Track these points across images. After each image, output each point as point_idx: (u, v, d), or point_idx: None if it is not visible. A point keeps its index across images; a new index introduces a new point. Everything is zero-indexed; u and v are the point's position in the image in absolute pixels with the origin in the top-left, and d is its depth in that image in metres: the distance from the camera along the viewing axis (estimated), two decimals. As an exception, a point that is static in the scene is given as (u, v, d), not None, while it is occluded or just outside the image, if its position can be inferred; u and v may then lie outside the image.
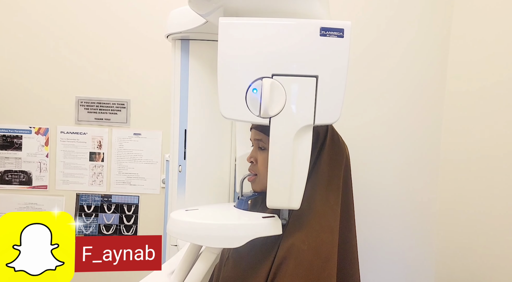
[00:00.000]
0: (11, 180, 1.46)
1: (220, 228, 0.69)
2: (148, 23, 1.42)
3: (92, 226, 1.47)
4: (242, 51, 0.63)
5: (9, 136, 1.45)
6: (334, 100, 0.62)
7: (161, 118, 1.44)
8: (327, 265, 0.69)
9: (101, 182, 1.47)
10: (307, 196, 0.73)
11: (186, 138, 1.08)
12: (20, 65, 1.43)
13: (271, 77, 0.62)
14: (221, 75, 0.63)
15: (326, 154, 0.75)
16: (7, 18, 1.41)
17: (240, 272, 0.75)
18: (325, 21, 0.62)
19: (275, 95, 0.62)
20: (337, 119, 0.63)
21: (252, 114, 0.64)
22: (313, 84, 0.62)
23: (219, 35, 0.63)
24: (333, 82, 0.62)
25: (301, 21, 0.62)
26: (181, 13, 1.01)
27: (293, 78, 0.62)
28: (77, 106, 1.45)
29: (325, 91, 0.62)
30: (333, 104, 0.62)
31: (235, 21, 0.64)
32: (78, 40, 1.43)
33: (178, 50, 1.07)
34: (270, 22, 0.63)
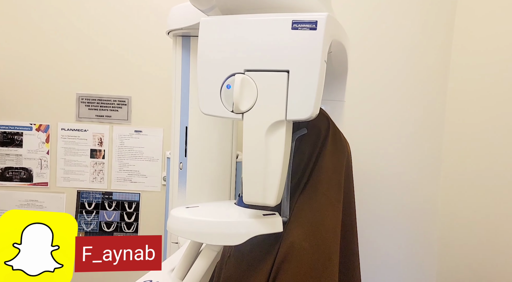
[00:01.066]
0: (11, 177, 1.46)
1: (221, 226, 0.69)
2: (149, 20, 1.42)
3: (93, 223, 1.47)
4: (218, 48, 0.64)
5: (10, 133, 1.45)
6: (306, 95, 0.60)
7: (162, 116, 1.44)
8: (329, 263, 0.68)
9: (102, 179, 1.47)
10: (309, 193, 0.72)
11: (187, 135, 1.08)
12: (21, 62, 1.42)
13: (243, 73, 0.62)
14: (200, 72, 0.65)
15: (328, 151, 0.74)
16: (8, 16, 1.41)
17: (241, 270, 0.75)
18: (298, 14, 0.61)
19: (246, 91, 0.62)
20: (311, 114, 0.61)
21: (226, 110, 0.64)
22: (284, 79, 0.61)
23: (199, 34, 0.64)
24: (305, 76, 0.60)
25: (274, 15, 0.62)
26: (182, 10, 1.00)
27: (264, 73, 0.62)
28: (78, 103, 1.45)
29: (297, 86, 0.61)
30: (306, 99, 0.60)
31: (214, 19, 0.65)
32: (79, 37, 1.42)
33: (179, 47, 1.06)
34: (246, 18, 0.63)
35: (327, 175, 0.74)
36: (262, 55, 0.62)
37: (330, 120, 0.79)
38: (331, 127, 0.77)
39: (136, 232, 1.48)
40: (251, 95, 0.62)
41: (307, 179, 0.74)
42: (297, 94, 0.60)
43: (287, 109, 0.61)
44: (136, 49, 1.43)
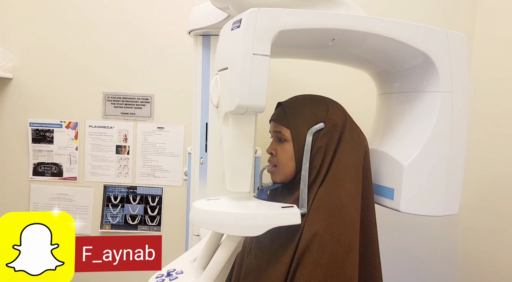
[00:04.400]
0: (44, 172, 1.54)
1: (240, 217, 0.72)
2: (171, 21, 1.46)
3: (119, 216, 1.54)
4: (217, 52, 0.76)
5: (42, 131, 1.53)
6: (232, 88, 0.65)
7: (184, 113, 1.48)
8: (350, 253, 0.70)
9: (126, 174, 1.53)
10: (328, 186, 0.74)
11: (208, 131, 1.11)
12: (51, 64, 1.50)
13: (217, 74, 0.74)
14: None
15: (345, 144, 0.76)
16: (41, 21, 1.48)
17: (263, 261, 0.77)
18: (237, 15, 0.67)
19: (215, 89, 0.73)
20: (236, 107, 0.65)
21: (213, 105, 0.76)
22: (225, 76, 0.68)
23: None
24: (233, 71, 0.66)
25: (229, 21, 0.70)
26: (202, 10, 1.03)
27: (220, 72, 0.71)
28: (104, 102, 1.51)
29: (229, 80, 0.67)
30: (232, 92, 0.65)
31: (223, 27, 0.74)
32: (105, 39, 1.48)
33: (200, 46, 1.10)
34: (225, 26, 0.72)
35: (346, 169, 0.75)
36: (220, 56, 0.73)
37: (347, 115, 0.80)
38: (348, 122, 0.78)
39: (159, 225, 1.53)
40: (217, 92, 0.73)
41: (326, 172, 0.75)
42: (228, 88, 0.67)
43: (229, 101, 0.68)
44: (159, 50, 1.48)
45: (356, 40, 0.75)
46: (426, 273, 1.46)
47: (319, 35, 0.71)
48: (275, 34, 0.65)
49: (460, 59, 0.75)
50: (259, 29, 0.64)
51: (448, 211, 0.76)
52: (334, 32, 0.71)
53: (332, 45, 0.75)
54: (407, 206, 0.76)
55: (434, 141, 0.75)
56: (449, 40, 0.74)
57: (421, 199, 0.76)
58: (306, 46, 0.81)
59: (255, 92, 0.65)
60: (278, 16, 0.65)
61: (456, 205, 0.77)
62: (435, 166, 0.76)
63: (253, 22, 0.63)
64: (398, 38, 0.72)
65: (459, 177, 0.77)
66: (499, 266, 1.20)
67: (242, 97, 0.64)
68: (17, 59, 1.48)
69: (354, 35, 0.72)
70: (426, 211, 0.77)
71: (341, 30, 0.70)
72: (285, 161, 0.78)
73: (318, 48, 0.81)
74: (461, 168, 0.77)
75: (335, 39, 0.73)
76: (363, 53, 0.83)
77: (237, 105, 0.65)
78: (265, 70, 0.65)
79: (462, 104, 0.75)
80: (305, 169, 0.75)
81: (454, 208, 0.77)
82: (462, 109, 0.76)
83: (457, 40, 0.75)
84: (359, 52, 0.82)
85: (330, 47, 0.76)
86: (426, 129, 0.75)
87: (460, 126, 0.76)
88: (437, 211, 0.76)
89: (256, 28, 0.63)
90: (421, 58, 0.75)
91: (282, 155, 0.79)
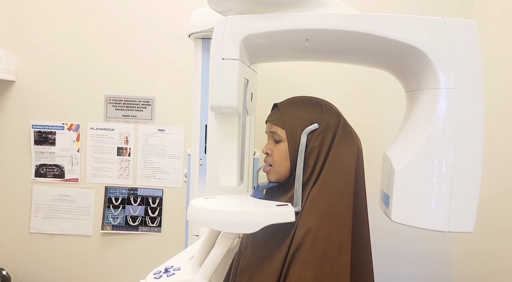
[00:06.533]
0: (45, 173, 1.56)
1: (237, 215, 0.74)
2: (171, 25, 1.49)
3: (120, 217, 1.56)
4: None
5: (44, 133, 1.55)
6: (210, 91, 0.72)
7: (184, 115, 1.51)
8: (342, 250, 0.72)
9: (128, 175, 1.55)
10: (321, 185, 0.76)
11: (207, 133, 1.13)
12: (53, 67, 1.53)
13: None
14: None
15: (338, 145, 0.78)
16: (40, 23, 1.51)
17: (258, 258, 0.79)
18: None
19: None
20: (210, 107, 0.72)
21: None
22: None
23: None
24: (209, 76, 0.72)
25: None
26: (202, 13, 1.06)
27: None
28: (106, 104, 1.54)
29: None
30: (211, 94, 0.72)
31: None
32: (106, 42, 1.51)
33: (200, 49, 1.12)
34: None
35: (339, 168, 0.77)
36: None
37: (341, 116, 0.82)
38: (342, 123, 0.80)
39: (160, 226, 1.55)
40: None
41: (319, 172, 0.77)
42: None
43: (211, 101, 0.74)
44: (159, 53, 1.50)
45: (332, 39, 0.72)
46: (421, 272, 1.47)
47: (291, 36, 0.72)
48: (242, 39, 0.71)
49: (465, 49, 0.65)
50: (227, 35, 0.70)
51: (455, 227, 0.65)
52: (303, 32, 0.70)
53: (312, 45, 0.74)
54: (399, 216, 0.68)
55: (433, 144, 0.66)
56: (448, 29, 0.65)
57: (416, 209, 0.67)
58: (286, 48, 0.80)
59: (225, 93, 0.71)
60: (243, 23, 0.71)
61: (469, 221, 0.65)
62: (433, 173, 0.66)
63: (221, 30, 0.71)
64: (377, 33, 0.67)
65: (472, 188, 0.65)
66: (498, 265, 1.21)
67: (213, 98, 0.72)
68: (20, 62, 1.51)
69: (328, 34, 0.70)
70: (423, 223, 0.67)
71: (310, 29, 0.70)
72: (280, 160, 0.81)
73: (297, 49, 0.80)
74: (475, 177, 0.65)
75: (309, 40, 0.72)
76: (352, 52, 0.81)
77: (210, 105, 0.73)
78: (234, 73, 0.70)
79: (473, 101, 0.64)
80: (299, 168, 0.77)
81: (465, 224, 0.65)
82: (472, 108, 0.64)
83: (458, 29, 0.65)
84: (347, 51, 0.81)
85: (312, 47, 0.76)
86: (424, 131, 0.66)
87: (471, 128, 0.64)
88: (438, 226, 0.66)
89: (224, 35, 0.70)
90: (413, 52, 0.67)
91: (277, 154, 0.81)
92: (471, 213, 0.65)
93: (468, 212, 0.65)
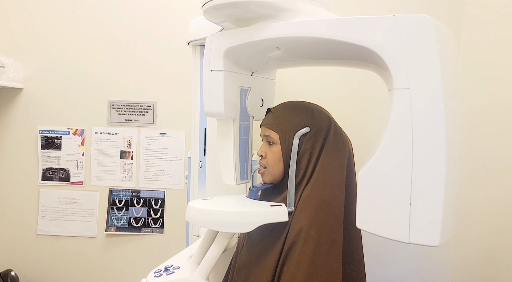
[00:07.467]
0: (52, 177, 1.61)
1: (232, 215, 0.77)
2: (172, 32, 1.53)
3: (123, 219, 1.60)
4: None
5: (50, 137, 1.60)
6: (204, 98, 0.82)
7: (184, 119, 1.55)
8: (333, 247, 0.75)
9: (130, 178, 1.59)
10: (313, 186, 0.79)
11: (206, 136, 1.16)
12: (59, 75, 1.57)
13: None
14: None
15: (329, 147, 0.81)
16: (46, 34, 1.56)
17: (254, 256, 0.82)
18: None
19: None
20: (205, 113, 0.83)
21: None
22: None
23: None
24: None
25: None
26: (200, 22, 1.09)
27: None
28: (109, 109, 1.58)
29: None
30: (204, 102, 0.82)
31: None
32: (110, 50, 1.56)
33: (198, 56, 1.16)
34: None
35: (330, 170, 0.80)
36: None
37: (332, 120, 0.86)
38: (333, 127, 0.84)
39: (162, 227, 1.59)
40: None
41: (311, 173, 0.80)
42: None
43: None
44: (160, 59, 1.55)
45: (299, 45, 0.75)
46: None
47: (264, 46, 0.77)
48: (224, 52, 0.78)
49: (419, 47, 0.58)
50: (213, 49, 0.79)
51: (417, 239, 0.57)
52: (272, 41, 0.74)
53: (286, 53, 0.79)
54: (362, 222, 0.64)
55: (389, 148, 0.60)
56: (400, 26, 0.59)
57: (378, 217, 0.61)
58: (267, 57, 0.85)
59: (214, 101, 0.80)
60: (223, 38, 0.79)
61: (433, 233, 0.56)
62: (391, 179, 0.59)
63: (209, 45, 0.80)
64: (332, 37, 0.65)
65: (435, 197, 0.56)
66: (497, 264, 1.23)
67: (205, 105, 0.82)
68: (28, 70, 1.56)
69: (293, 41, 0.72)
70: (384, 232, 0.60)
71: (276, 38, 0.73)
72: (274, 162, 0.84)
73: (275, 57, 0.84)
74: (437, 185, 0.56)
75: (280, 48, 0.76)
76: (323, 57, 0.83)
77: (205, 112, 0.83)
78: (220, 82, 0.79)
79: (430, 102, 0.57)
80: (292, 170, 0.80)
81: (429, 236, 0.56)
82: (430, 109, 0.57)
83: (411, 25, 0.58)
84: (319, 56, 0.84)
85: (287, 54, 0.80)
86: (384, 134, 0.61)
87: (430, 131, 0.56)
88: (400, 236, 0.58)
89: (211, 49, 0.79)
90: (368, 53, 0.63)
91: (271, 157, 0.84)
92: (435, 224, 0.56)
93: (432, 223, 0.56)
